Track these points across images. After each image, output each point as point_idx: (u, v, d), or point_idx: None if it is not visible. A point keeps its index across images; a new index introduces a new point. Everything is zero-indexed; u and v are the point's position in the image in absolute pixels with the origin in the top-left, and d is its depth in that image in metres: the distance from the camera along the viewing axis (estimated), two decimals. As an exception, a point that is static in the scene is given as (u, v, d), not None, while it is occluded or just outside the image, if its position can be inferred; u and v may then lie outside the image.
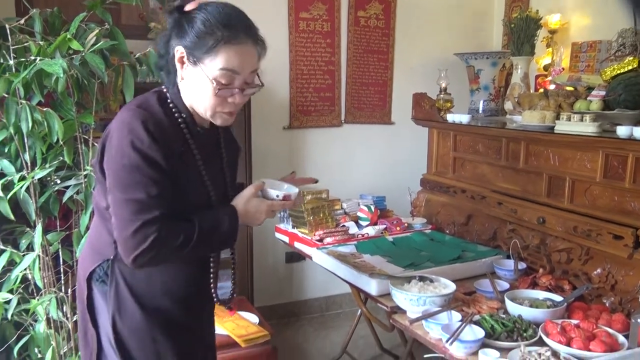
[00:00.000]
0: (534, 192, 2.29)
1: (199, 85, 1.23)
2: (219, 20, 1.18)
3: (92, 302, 1.35)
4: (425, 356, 1.68)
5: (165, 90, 1.32)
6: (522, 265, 2.17)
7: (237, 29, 1.19)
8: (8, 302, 1.82)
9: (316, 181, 1.65)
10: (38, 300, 1.85)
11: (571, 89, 2.52)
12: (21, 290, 1.85)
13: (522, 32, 2.97)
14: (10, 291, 1.82)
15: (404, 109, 3.38)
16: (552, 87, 2.74)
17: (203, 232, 1.22)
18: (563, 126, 2.16)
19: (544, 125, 2.24)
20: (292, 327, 3.41)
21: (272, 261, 3.45)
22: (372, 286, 1.96)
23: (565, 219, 2.10)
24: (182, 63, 1.23)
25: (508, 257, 2.24)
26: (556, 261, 2.12)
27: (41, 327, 1.86)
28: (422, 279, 1.92)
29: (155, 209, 1.16)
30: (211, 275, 1.42)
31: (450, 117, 2.76)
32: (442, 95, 2.95)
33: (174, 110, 1.29)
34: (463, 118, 2.68)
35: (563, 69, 2.96)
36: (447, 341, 1.55)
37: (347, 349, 2.95)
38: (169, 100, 1.30)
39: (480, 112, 3.12)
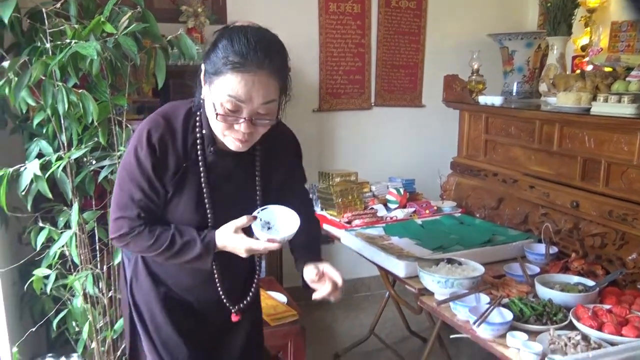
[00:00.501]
0: (568, 175, 2.24)
1: (210, 106, 1.20)
2: (236, 46, 1.14)
3: (123, 264, 1.53)
4: (452, 336, 1.68)
5: (201, 101, 1.29)
6: (553, 249, 2.13)
7: (249, 58, 1.13)
8: (47, 277, 1.90)
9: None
10: (75, 276, 1.91)
11: (609, 69, 2.44)
12: (59, 266, 1.92)
13: (559, 11, 2.88)
14: (49, 267, 1.89)
15: (435, 92, 3.33)
16: (589, 68, 2.66)
17: (173, 247, 1.29)
18: (600, 108, 2.10)
19: (580, 107, 2.18)
20: (321, 308, 3.44)
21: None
22: (400, 268, 1.96)
23: (600, 202, 2.05)
24: (205, 81, 1.22)
25: (539, 242, 2.20)
26: (589, 246, 2.07)
27: (78, 302, 1.92)
28: (450, 261, 1.91)
29: (134, 209, 1.27)
30: (215, 273, 1.38)
31: (482, 99, 2.71)
32: (474, 77, 2.90)
33: (197, 124, 1.28)
34: (495, 100, 2.63)
35: (601, 49, 2.86)
36: (474, 323, 1.54)
37: (375, 330, 2.96)
38: (198, 113, 1.28)
39: (514, 94, 3.05)
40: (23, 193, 1.83)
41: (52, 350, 2.14)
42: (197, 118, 1.29)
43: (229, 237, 1.28)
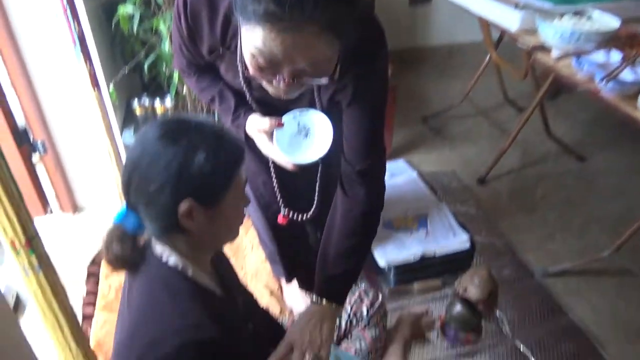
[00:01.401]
0: None
1: (241, 45, 0.87)
2: None
3: None
4: (578, 89, 1.46)
5: None
6: None
7: (287, 9, 0.73)
8: (132, 18, 1.83)
9: None
10: (159, 17, 1.84)
11: None
12: (143, 6, 1.84)
13: None
14: (133, 5, 1.82)
15: None
16: None
17: (214, 105, 1.22)
18: None
19: None
20: (413, 72, 3.27)
21: (395, 3, 3.16)
22: (514, 19, 1.70)
23: None
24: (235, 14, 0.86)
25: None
26: None
27: (166, 46, 1.88)
28: (578, 14, 1.62)
29: (182, 58, 1.17)
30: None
31: None
32: None
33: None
34: None
35: None
36: (601, 80, 1.33)
37: (469, 95, 2.80)
38: None
39: None
40: None
41: (146, 92, 2.20)
42: None
43: (254, 133, 1.15)
